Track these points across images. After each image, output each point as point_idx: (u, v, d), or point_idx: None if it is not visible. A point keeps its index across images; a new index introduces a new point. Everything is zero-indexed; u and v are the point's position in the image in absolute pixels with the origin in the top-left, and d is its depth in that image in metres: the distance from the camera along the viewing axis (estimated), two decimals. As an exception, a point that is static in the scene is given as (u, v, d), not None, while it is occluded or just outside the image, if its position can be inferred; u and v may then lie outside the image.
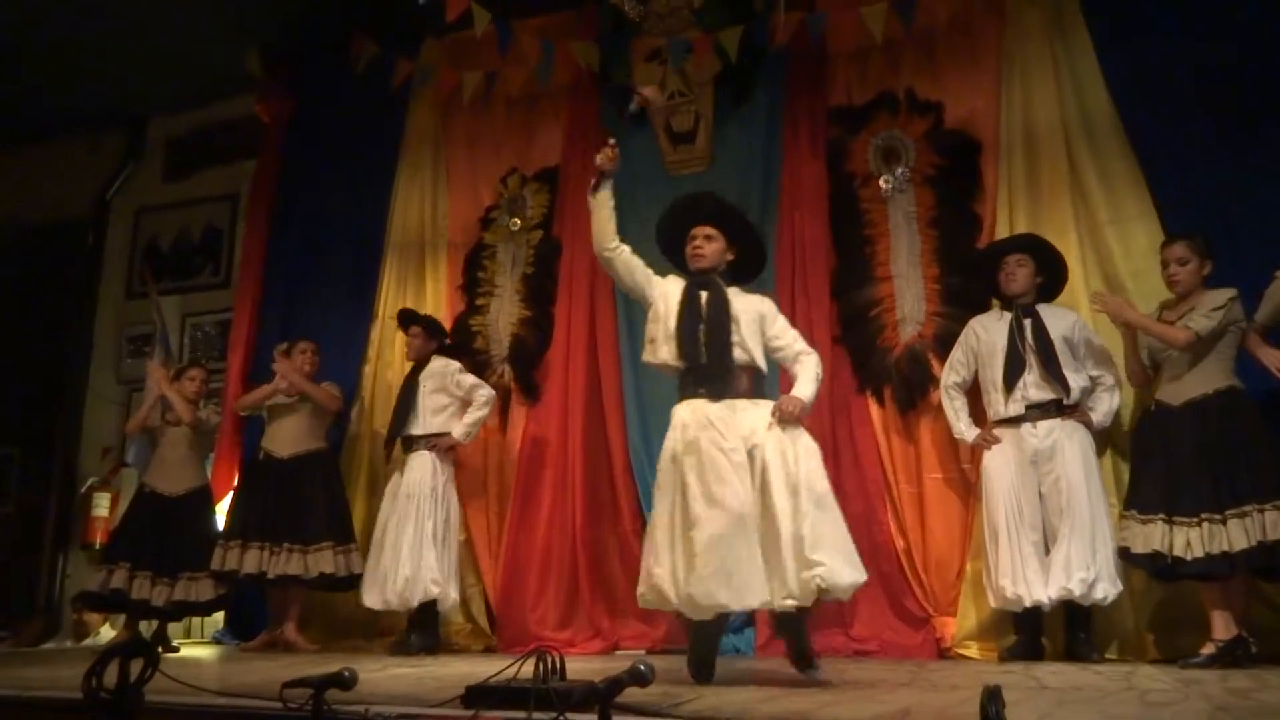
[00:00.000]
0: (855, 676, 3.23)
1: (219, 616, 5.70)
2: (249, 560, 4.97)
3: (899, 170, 4.85)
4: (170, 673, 2.36)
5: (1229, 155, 4.24)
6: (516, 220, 5.60)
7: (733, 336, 3.28)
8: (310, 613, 5.26)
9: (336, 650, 4.96)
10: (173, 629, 5.51)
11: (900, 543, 4.52)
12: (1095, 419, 4.08)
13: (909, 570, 4.49)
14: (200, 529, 5.30)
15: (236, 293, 6.37)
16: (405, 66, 5.79)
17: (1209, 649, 3.51)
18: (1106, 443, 4.16)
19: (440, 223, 5.86)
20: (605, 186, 3.42)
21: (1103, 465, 4.10)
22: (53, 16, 5.99)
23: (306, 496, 5.11)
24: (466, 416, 4.95)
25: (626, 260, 3.45)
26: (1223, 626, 3.53)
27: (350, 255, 5.97)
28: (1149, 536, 3.64)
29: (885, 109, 4.96)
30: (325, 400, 5.29)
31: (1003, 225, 4.58)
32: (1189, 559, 3.53)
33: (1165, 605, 3.97)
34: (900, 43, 4.97)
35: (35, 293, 7.28)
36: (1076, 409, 4.06)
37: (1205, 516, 3.54)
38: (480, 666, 3.12)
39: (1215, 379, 3.72)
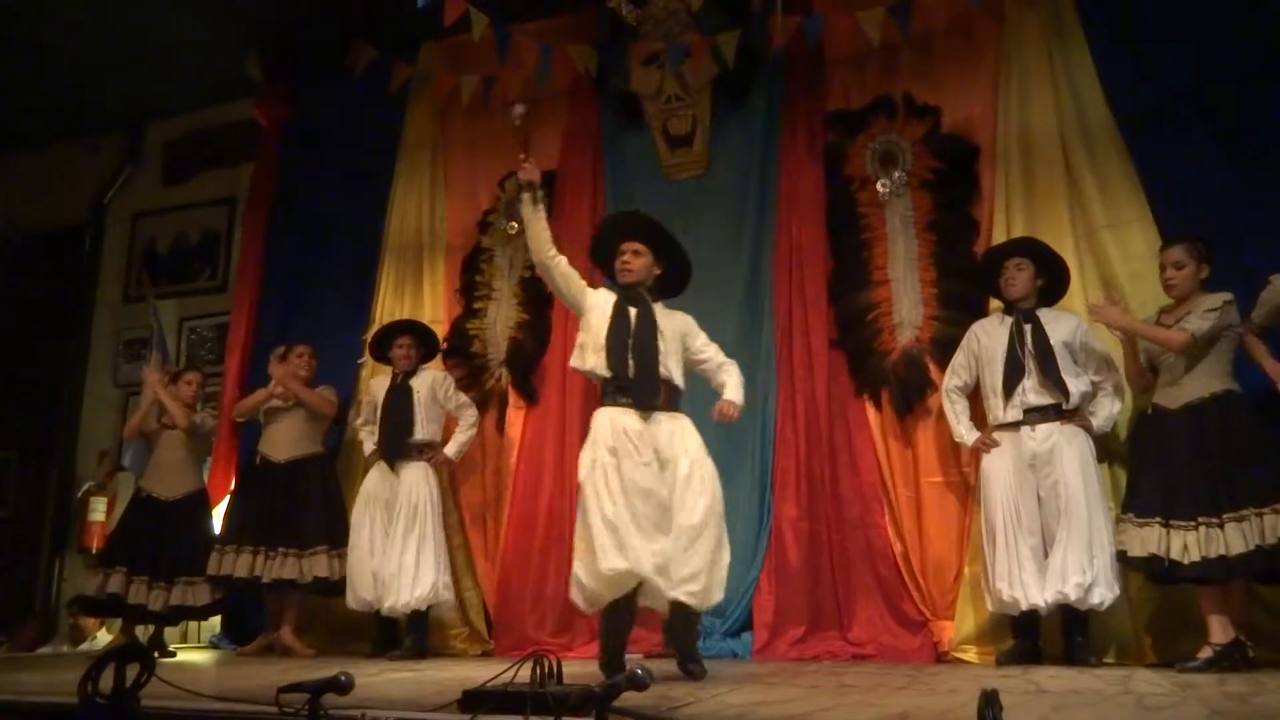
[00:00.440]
0: (852, 680, 3.23)
1: (216, 621, 5.70)
2: (243, 564, 4.97)
3: (896, 174, 4.85)
4: (166, 677, 2.35)
5: (1225, 160, 4.25)
6: (514, 224, 5.59)
7: (661, 355, 3.52)
8: (307, 617, 5.25)
9: (333, 655, 4.95)
10: (169, 633, 5.50)
11: (898, 546, 4.52)
12: (1096, 424, 4.08)
13: (906, 574, 4.48)
14: (197, 533, 5.30)
15: (234, 296, 6.37)
16: (403, 70, 5.79)
17: (1206, 653, 3.51)
18: (1106, 447, 4.16)
19: (438, 226, 5.86)
20: (535, 198, 3.68)
21: (1102, 470, 4.10)
22: (50, 21, 5.99)
23: (303, 500, 5.11)
24: (459, 436, 5.13)
25: (564, 270, 3.68)
26: (1220, 630, 3.53)
27: (348, 259, 5.97)
28: (1146, 540, 3.64)
29: (883, 113, 4.97)
30: (320, 405, 5.29)
31: (1000, 229, 4.58)
32: (1186, 563, 3.53)
33: (1163, 609, 3.97)
34: (898, 47, 4.97)
35: (33, 297, 7.27)
36: (1076, 413, 4.06)
37: (1203, 520, 3.54)
38: (477, 671, 3.12)
39: (1213, 382, 3.72)
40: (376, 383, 5.29)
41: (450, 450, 5.10)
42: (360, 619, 5.02)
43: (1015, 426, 4.11)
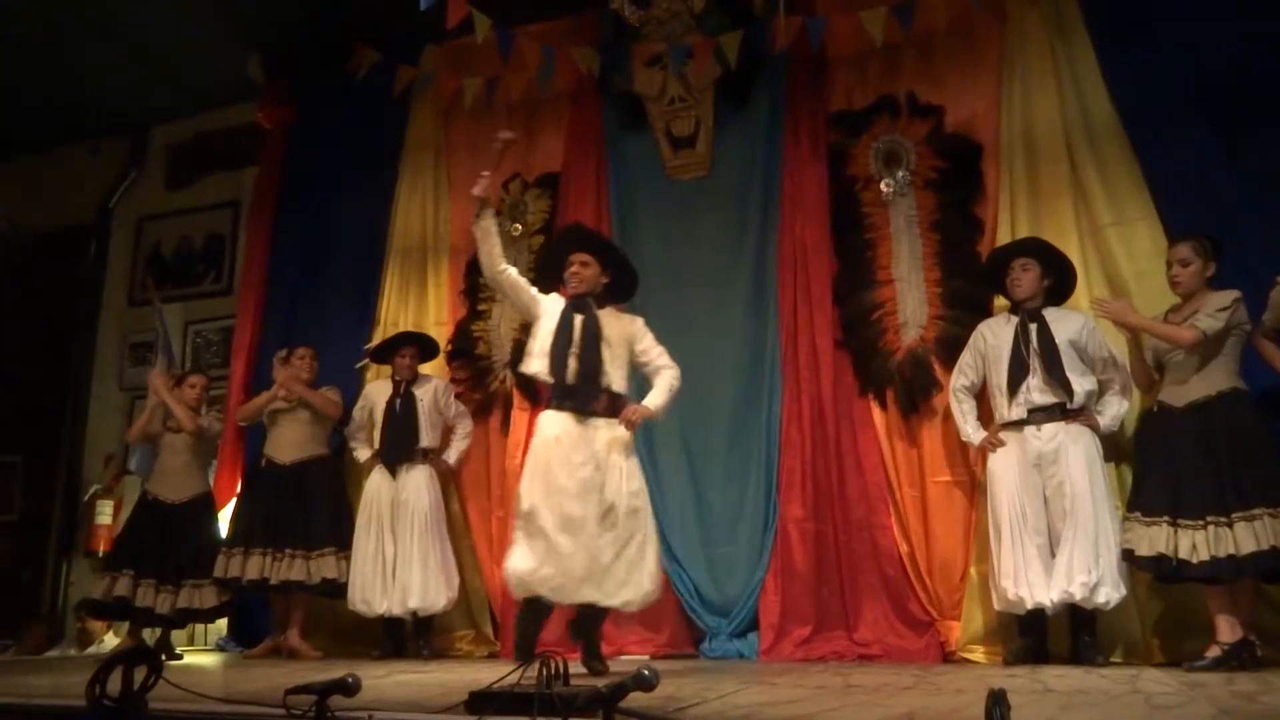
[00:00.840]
0: (859, 681, 3.22)
1: (223, 624, 5.70)
2: (251, 567, 4.98)
3: (900, 174, 4.85)
4: (174, 680, 2.35)
5: (1230, 157, 4.24)
6: (518, 226, 5.61)
7: (601, 362, 3.68)
8: (314, 619, 5.25)
9: (340, 657, 4.96)
10: (176, 636, 5.51)
11: (904, 547, 4.51)
12: (1103, 423, 4.07)
13: (912, 574, 4.48)
14: (203, 536, 5.30)
15: (239, 300, 6.38)
16: (406, 73, 5.80)
17: (1214, 652, 3.50)
18: (1114, 446, 4.15)
19: (442, 228, 5.87)
20: (487, 214, 3.84)
21: (1109, 469, 4.08)
22: (54, 26, 6.01)
23: (309, 502, 5.13)
24: (457, 443, 5.30)
25: (514, 280, 3.87)
26: (1228, 630, 3.52)
27: (352, 261, 5.98)
28: (1154, 539, 3.63)
29: (886, 113, 4.97)
30: (324, 406, 5.30)
31: (1004, 228, 4.58)
32: (1195, 562, 3.52)
33: (1170, 609, 3.96)
34: (900, 46, 4.97)
35: (38, 301, 7.29)
36: (1082, 412, 4.05)
37: (1211, 519, 3.52)
38: (484, 672, 3.12)
39: (1219, 381, 3.71)
40: (374, 388, 5.33)
41: (451, 457, 5.26)
42: (366, 622, 5.02)
43: (1020, 426, 4.11)
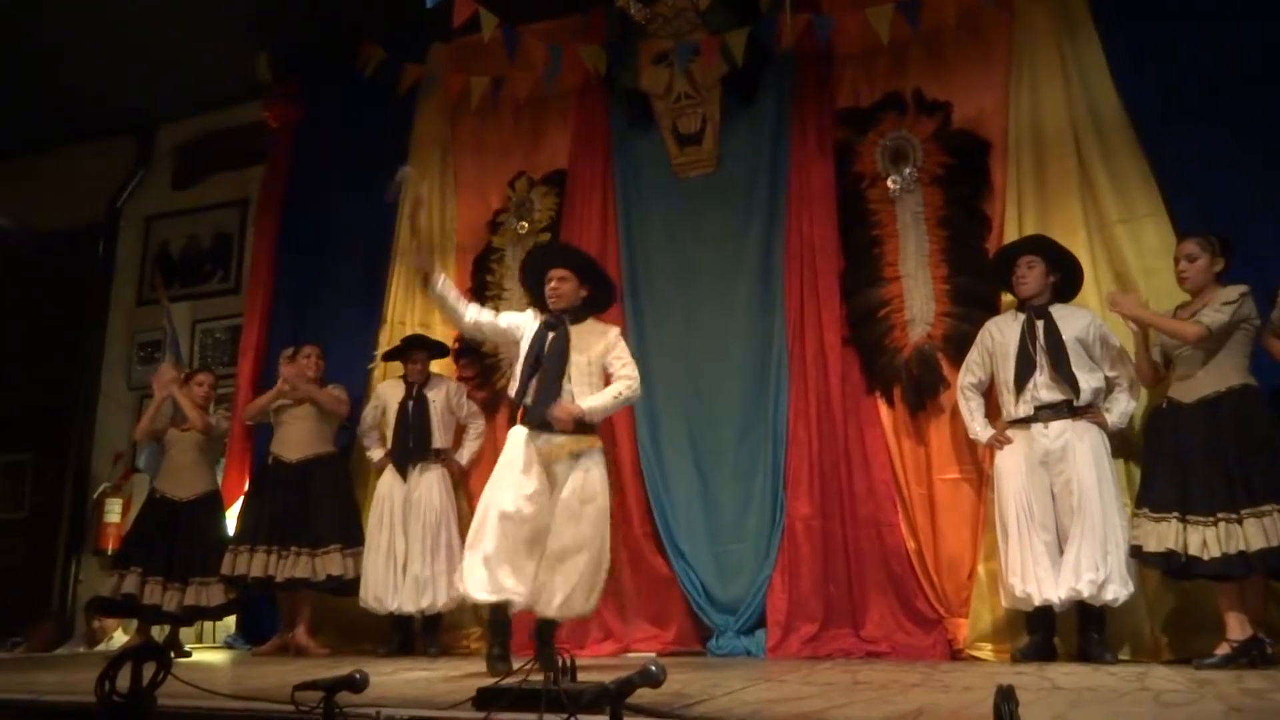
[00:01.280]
0: (867, 678, 3.22)
1: (230, 621, 5.72)
2: (257, 564, 5.00)
3: (907, 171, 4.84)
4: (182, 677, 2.36)
5: (1239, 152, 4.22)
6: (524, 224, 5.61)
7: (563, 382, 3.77)
8: (321, 617, 5.27)
9: (347, 654, 4.97)
10: (184, 634, 5.53)
11: (911, 544, 4.50)
12: (1111, 419, 4.06)
13: (920, 571, 4.47)
14: (210, 534, 5.33)
15: (246, 298, 6.40)
16: (413, 71, 5.81)
17: (1224, 649, 3.49)
18: (1122, 443, 4.14)
19: (448, 226, 5.88)
20: (435, 283, 3.93)
21: (1118, 465, 4.07)
22: (61, 25, 6.02)
23: (315, 500, 5.14)
24: (469, 444, 5.31)
25: (488, 324, 4.01)
26: (1238, 627, 3.51)
27: (359, 260, 5.99)
28: (1162, 535, 3.62)
29: (893, 109, 4.95)
30: (332, 404, 5.31)
31: (1012, 225, 4.56)
32: (1205, 558, 3.50)
33: (1179, 606, 3.94)
34: (907, 43, 4.96)
35: (47, 300, 7.32)
36: (1089, 410, 4.04)
37: (1221, 516, 3.51)
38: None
39: (1229, 376, 3.70)
40: (386, 388, 5.33)
41: (464, 458, 5.28)
42: (374, 619, 5.04)
43: (1027, 423, 4.10)
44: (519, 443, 3.74)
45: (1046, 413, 4.06)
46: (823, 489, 4.65)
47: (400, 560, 4.94)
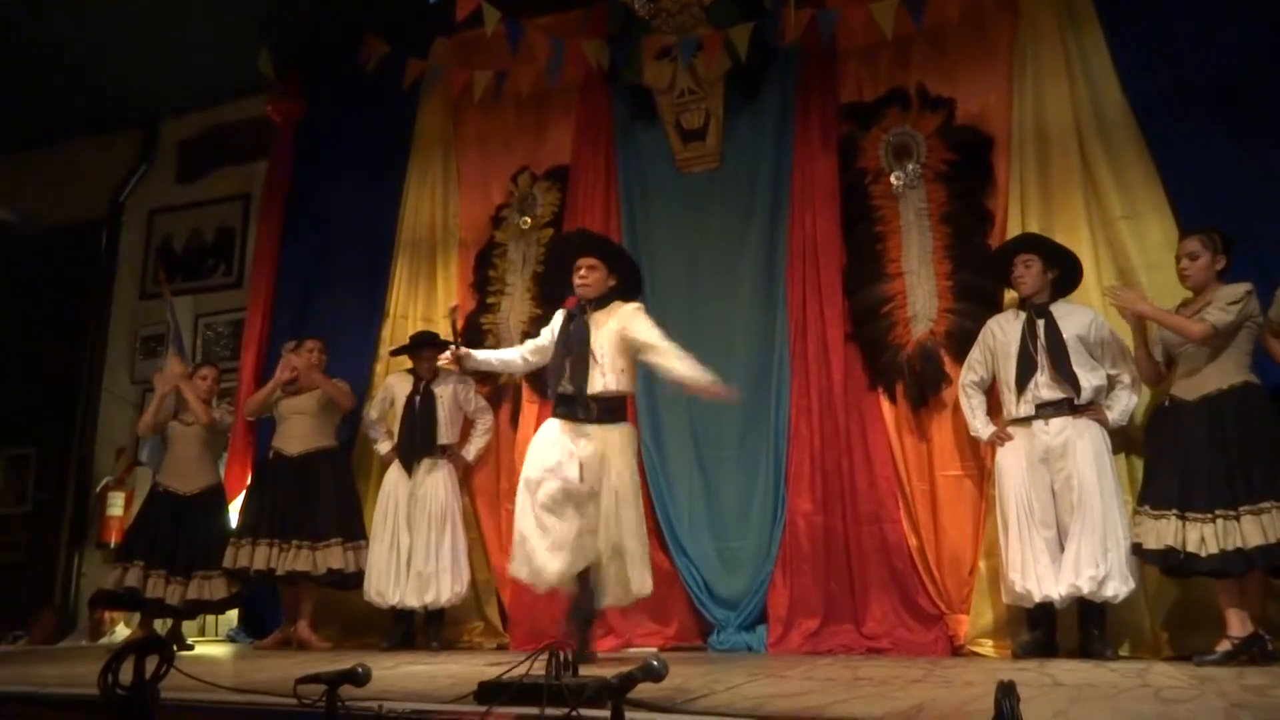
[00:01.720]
0: (868, 674, 3.22)
1: (233, 615, 5.74)
2: (258, 557, 5.01)
3: (910, 166, 4.83)
4: (185, 670, 2.37)
5: (1243, 148, 4.22)
6: (527, 218, 5.61)
7: (590, 371, 3.80)
8: (323, 611, 5.28)
9: (349, 648, 4.99)
10: (187, 627, 5.55)
11: (913, 540, 4.51)
12: (1112, 417, 4.06)
13: (921, 567, 4.47)
14: (213, 527, 5.34)
15: (249, 292, 6.40)
16: (415, 66, 5.80)
17: (1224, 646, 3.49)
18: (1123, 440, 4.13)
19: (451, 221, 5.88)
20: (470, 363, 4.15)
21: (1118, 462, 4.07)
22: (64, 20, 6.02)
23: (316, 493, 5.15)
24: (476, 440, 5.30)
25: (532, 353, 4.12)
26: (1239, 624, 3.51)
27: (362, 254, 5.99)
28: (1161, 532, 3.62)
29: (896, 105, 4.95)
30: (339, 396, 5.32)
31: (1015, 221, 4.56)
32: (1204, 555, 3.51)
33: (1180, 602, 3.94)
34: (911, 39, 4.95)
35: (50, 294, 7.33)
36: (1090, 407, 4.04)
37: (1220, 513, 3.51)
38: (493, 663, 3.13)
39: (1231, 374, 3.69)
40: (394, 381, 5.32)
41: (469, 454, 5.27)
42: (376, 613, 5.05)
43: (1028, 421, 4.10)
44: (554, 435, 3.82)
45: (1048, 410, 4.06)
46: (824, 485, 4.65)
47: (404, 555, 4.95)
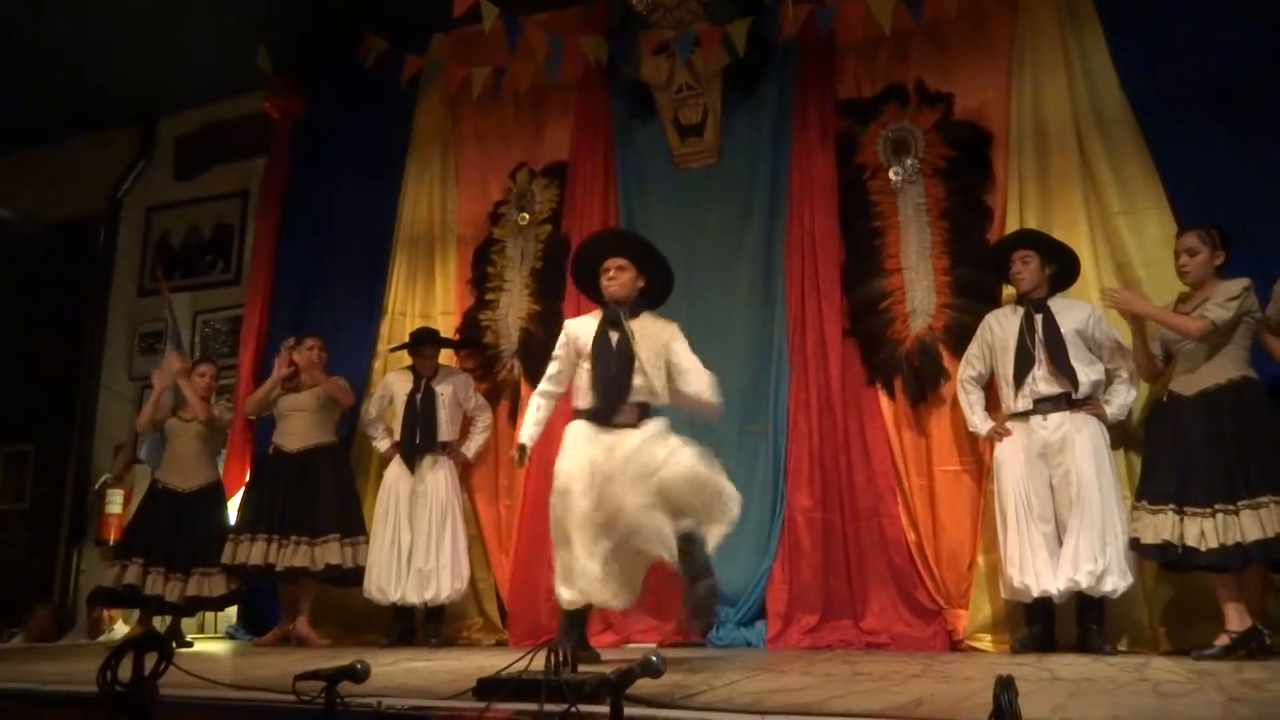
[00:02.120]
0: (867, 669, 3.23)
1: (232, 612, 5.75)
2: (257, 552, 5.01)
3: (909, 162, 4.83)
4: (184, 667, 2.37)
5: (1242, 145, 4.22)
6: (525, 215, 5.61)
7: (634, 379, 3.58)
8: (323, 607, 5.28)
9: (348, 645, 4.99)
10: (186, 624, 5.55)
11: (911, 535, 4.51)
12: (1110, 411, 4.07)
13: (920, 563, 4.48)
14: (212, 524, 5.34)
15: (247, 289, 6.40)
16: (414, 62, 5.80)
17: (1223, 640, 3.50)
18: (1121, 435, 4.14)
19: (449, 218, 5.88)
20: (528, 450, 3.81)
21: (1116, 457, 4.08)
22: (61, 17, 6.01)
23: (315, 489, 5.16)
24: (476, 436, 5.31)
25: (558, 385, 3.81)
26: (1237, 618, 3.52)
27: (360, 251, 5.99)
28: (1159, 527, 3.62)
29: (895, 101, 4.95)
30: (339, 394, 5.32)
31: (1013, 216, 4.56)
32: (1202, 550, 3.52)
33: (1178, 597, 3.95)
34: (910, 34, 4.95)
35: (48, 291, 7.32)
36: (1088, 402, 4.05)
37: (1219, 507, 3.52)
38: (492, 660, 3.13)
39: (1229, 369, 3.70)
40: (394, 378, 5.32)
41: (469, 451, 5.28)
42: (374, 609, 5.05)
43: (1027, 416, 4.11)
44: (588, 440, 3.56)
45: (1046, 405, 4.07)
46: (823, 481, 4.66)
47: (405, 552, 4.96)
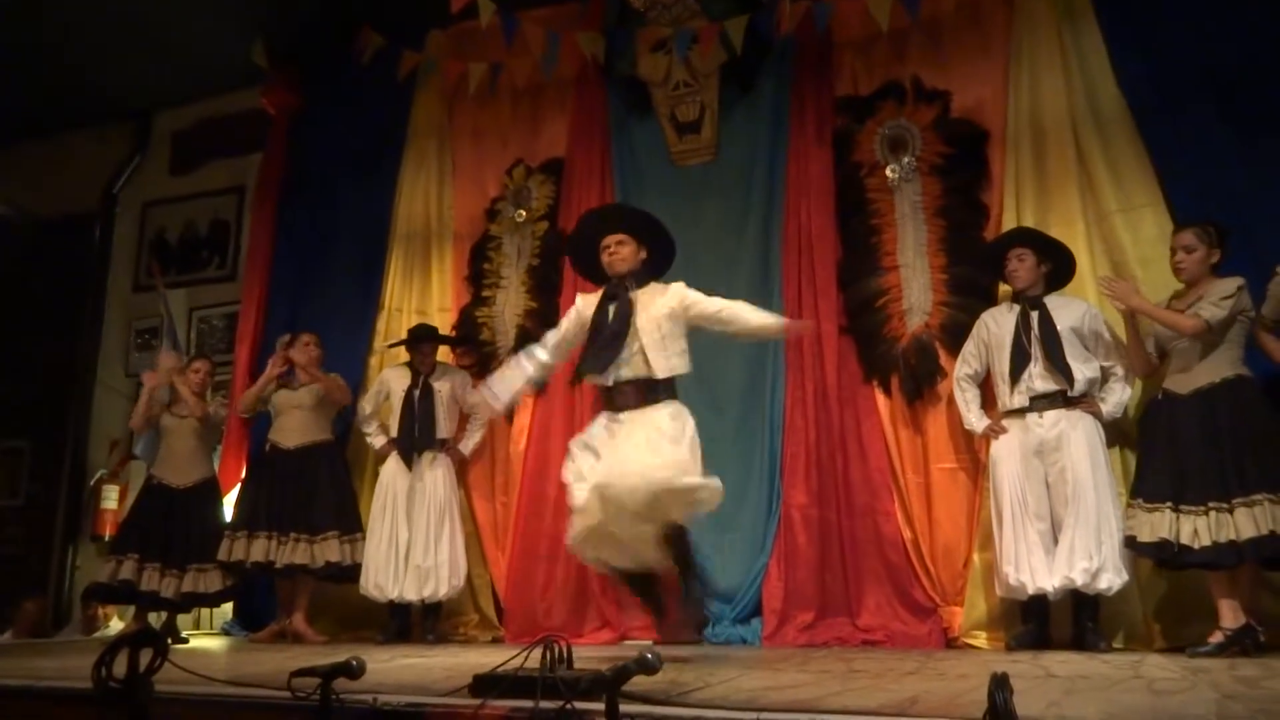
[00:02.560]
0: (862, 666, 3.23)
1: (228, 608, 5.74)
2: (256, 550, 5.01)
3: (906, 159, 4.83)
4: (179, 663, 2.36)
5: (1238, 143, 4.22)
6: (522, 212, 5.61)
7: (622, 350, 3.47)
8: (319, 604, 5.28)
9: (344, 641, 4.99)
10: (182, 620, 5.54)
11: (907, 533, 4.52)
12: (1105, 409, 4.07)
13: (916, 560, 4.49)
14: (208, 520, 5.33)
15: (243, 285, 6.39)
16: (410, 58, 5.78)
17: (1217, 638, 3.51)
18: (1117, 433, 4.15)
19: (446, 214, 5.87)
20: (511, 405, 3.91)
21: (1112, 455, 4.08)
22: (58, 11, 5.99)
23: (313, 486, 5.15)
24: (473, 434, 5.29)
25: (561, 345, 3.71)
26: (1231, 615, 3.53)
27: (356, 247, 5.98)
28: (1155, 525, 3.63)
29: (892, 98, 4.95)
30: (335, 392, 5.32)
31: (1010, 214, 4.56)
32: (1196, 547, 3.52)
33: (1173, 594, 3.96)
34: (907, 31, 4.94)
35: (43, 287, 7.30)
36: (1084, 399, 4.06)
37: (1213, 505, 3.53)
38: (488, 656, 3.13)
39: (1224, 368, 3.70)
40: (390, 375, 5.32)
41: (466, 448, 5.27)
42: (371, 606, 5.05)
43: (1023, 413, 4.11)
44: (597, 426, 3.52)
45: (1041, 403, 4.07)
46: (819, 478, 4.66)
47: (402, 549, 4.95)
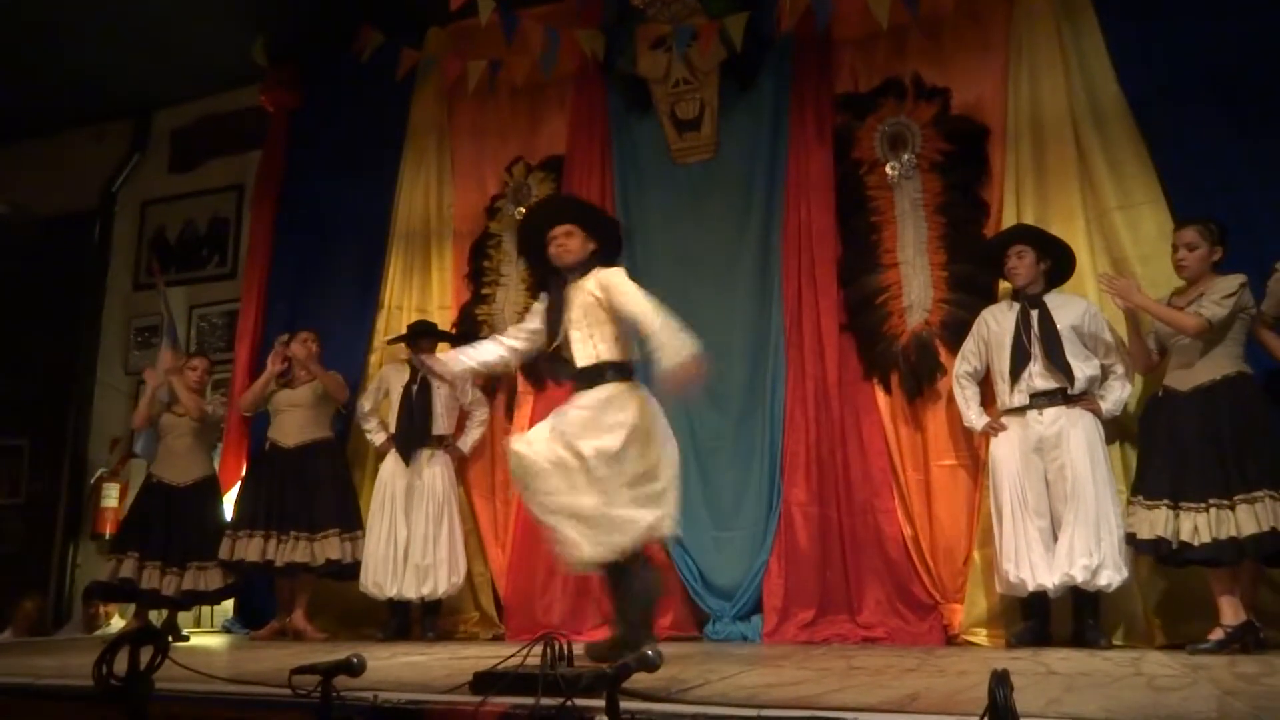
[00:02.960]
0: (863, 663, 3.23)
1: (228, 606, 5.74)
2: (255, 548, 5.01)
3: (906, 157, 4.83)
4: (180, 661, 2.37)
5: (1238, 139, 4.21)
6: (522, 209, 5.58)
7: (574, 344, 3.46)
8: (319, 601, 5.28)
9: (345, 639, 4.99)
10: (182, 618, 5.54)
11: (907, 530, 4.52)
12: (1105, 407, 4.07)
13: (916, 557, 4.48)
14: (208, 519, 5.33)
15: (243, 283, 6.39)
16: (410, 56, 5.78)
17: (1217, 634, 3.51)
18: (1117, 430, 4.15)
19: (445, 212, 5.87)
20: (463, 380, 3.98)
21: (1112, 452, 4.09)
22: (58, 9, 5.98)
23: (313, 484, 5.15)
24: (472, 431, 5.28)
25: (522, 342, 3.68)
26: (1231, 612, 3.53)
27: (356, 245, 5.97)
28: (1154, 522, 3.63)
29: (892, 95, 4.94)
30: (334, 387, 5.32)
31: (1010, 211, 4.56)
32: (1197, 544, 3.52)
33: (1173, 591, 3.96)
34: (907, 28, 4.94)
35: (43, 285, 7.30)
36: (1083, 397, 4.06)
37: (1213, 502, 3.53)
38: (488, 654, 3.13)
39: (1224, 365, 3.70)
40: (390, 371, 5.31)
41: (465, 446, 5.26)
42: (371, 603, 5.05)
43: (1023, 411, 4.11)
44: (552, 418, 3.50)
45: (1041, 400, 4.07)
46: (820, 475, 4.66)
47: (402, 546, 4.95)
